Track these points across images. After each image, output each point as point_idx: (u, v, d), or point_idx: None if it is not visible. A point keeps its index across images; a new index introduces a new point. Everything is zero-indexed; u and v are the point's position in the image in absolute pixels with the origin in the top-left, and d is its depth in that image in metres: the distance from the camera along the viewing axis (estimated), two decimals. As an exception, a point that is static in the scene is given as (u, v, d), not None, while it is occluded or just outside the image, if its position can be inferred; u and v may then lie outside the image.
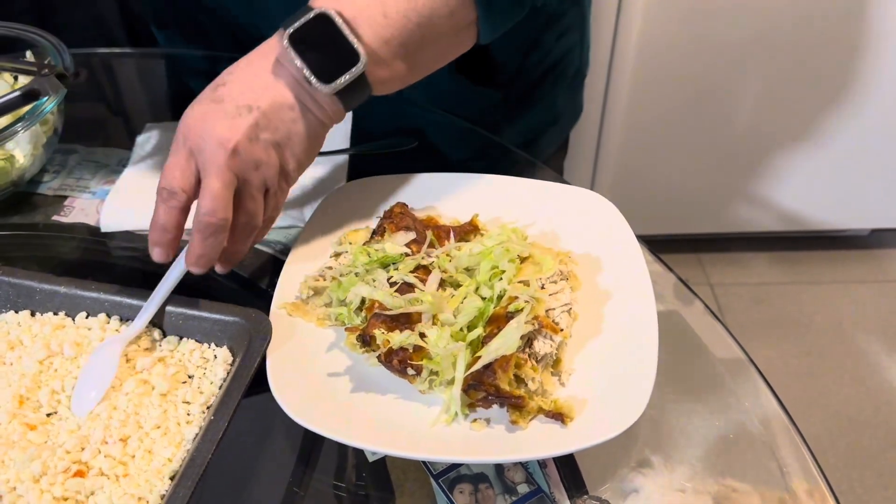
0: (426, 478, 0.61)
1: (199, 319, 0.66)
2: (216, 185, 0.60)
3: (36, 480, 0.56)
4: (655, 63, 1.69)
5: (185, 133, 0.62)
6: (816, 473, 0.64)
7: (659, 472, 0.63)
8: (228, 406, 0.58)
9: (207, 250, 0.63)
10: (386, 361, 0.62)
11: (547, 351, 0.62)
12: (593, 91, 1.73)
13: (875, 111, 1.79)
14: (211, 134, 0.60)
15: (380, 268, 0.67)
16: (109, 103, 1.09)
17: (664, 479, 0.63)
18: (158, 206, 0.63)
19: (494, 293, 0.64)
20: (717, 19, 1.61)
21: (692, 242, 2.10)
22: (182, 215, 0.64)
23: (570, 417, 0.60)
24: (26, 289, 0.68)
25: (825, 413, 1.74)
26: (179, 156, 0.62)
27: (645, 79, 1.71)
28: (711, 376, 0.72)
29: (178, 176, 0.62)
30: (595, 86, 1.72)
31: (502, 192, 0.78)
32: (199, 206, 0.62)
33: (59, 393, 0.63)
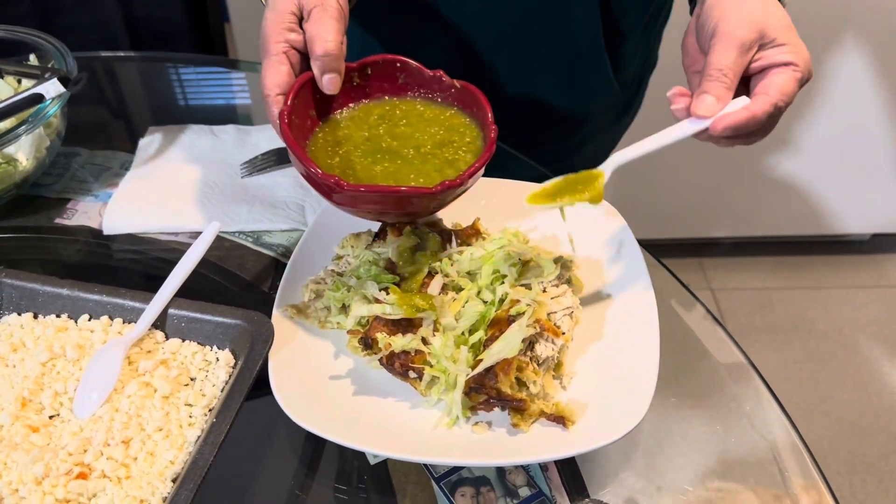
0: (428, 481, 0.61)
1: (202, 322, 0.66)
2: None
3: (38, 482, 0.56)
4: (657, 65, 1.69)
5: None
6: (817, 477, 0.64)
7: (660, 475, 0.63)
8: (230, 408, 0.58)
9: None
10: (388, 364, 0.62)
11: (548, 354, 0.62)
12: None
13: (877, 116, 1.79)
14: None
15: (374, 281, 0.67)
16: (112, 107, 1.09)
17: (666, 482, 0.63)
18: (767, 108, 0.63)
19: (496, 297, 0.64)
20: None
21: (694, 247, 2.10)
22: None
23: (571, 421, 0.60)
24: (29, 291, 0.68)
25: (826, 418, 1.74)
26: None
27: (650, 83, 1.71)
28: (713, 380, 0.72)
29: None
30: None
31: (504, 196, 0.79)
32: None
33: (62, 395, 0.63)
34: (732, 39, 0.61)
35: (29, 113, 0.79)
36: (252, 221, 0.83)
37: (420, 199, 0.62)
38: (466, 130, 0.69)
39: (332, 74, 0.65)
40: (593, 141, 1.09)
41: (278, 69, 0.64)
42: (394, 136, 0.69)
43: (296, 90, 0.64)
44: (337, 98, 0.69)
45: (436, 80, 0.70)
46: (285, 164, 0.90)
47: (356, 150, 0.67)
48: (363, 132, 0.69)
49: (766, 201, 1.96)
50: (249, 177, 0.89)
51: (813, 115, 1.78)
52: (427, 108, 0.70)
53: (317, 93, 0.67)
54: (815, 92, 1.74)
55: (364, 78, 0.70)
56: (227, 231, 0.82)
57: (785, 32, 0.63)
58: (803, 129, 1.80)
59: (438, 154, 0.67)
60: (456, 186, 0.62)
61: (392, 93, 0.71)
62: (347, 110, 0.70)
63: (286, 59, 0.64)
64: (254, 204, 0.85)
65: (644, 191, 1.92)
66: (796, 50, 0.62)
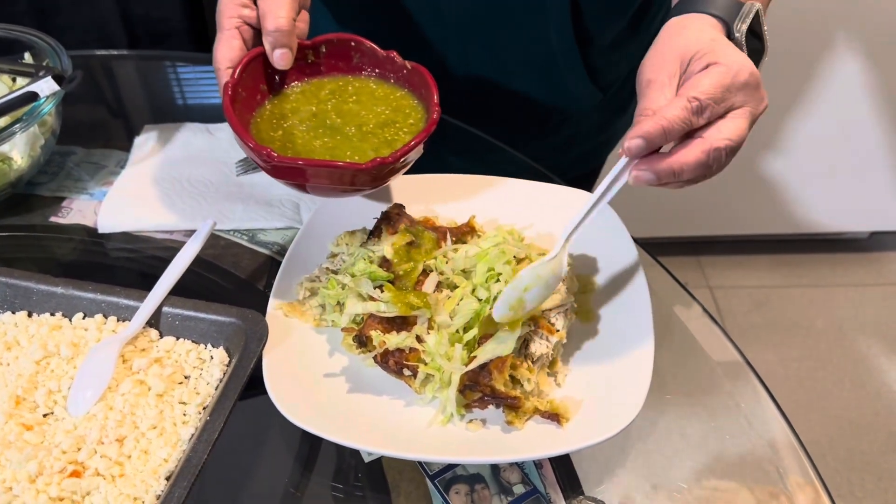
0: (422, 478, 0.61)
1: (196, 320, 0.66)
2: None
3: (32, 480, 0.56)
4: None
5: None
6: (813, 475, 0.64)
7: (656, 472, 0.63)
8: (224, 406, 0.58)
9: None
10: (382, 362, 0.62)
11: (543, 352, 0.62)
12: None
13: (875, 114, 1.79)
14: None
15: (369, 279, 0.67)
16: (108, 105, 1.09)
17: (661, 480, 0.63)
18: (680, 108, 0.57)
19: (491, 295, 0.64)
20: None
21: (692, 245, 2.10)
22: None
23: (566, 418, 0.60)
24: (23, 289, 0.68)
25: (825, 416, 1.74)
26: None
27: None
28: (709, 379, 0.72)
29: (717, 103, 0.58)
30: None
31: (499, 194, 0.79)
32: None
33: (56, 393, 0.63)
34: (658, 82, 0.59)
35: (23, 111, 0.79)
36: (247, 219, 0.83)
37: (350, 173, 0.62)
38: (412, 112, 0.69)
39: (283, 50, 0.65)
40: (581, 143, 1.09)
41: (230, 44, 0.65)
42: (340, 112, 0.69)
43: (244, 64, 0.65)
44: (290, 74, 0.70)
45: (389, 61, 0.70)
46: (281, 163, 0.90)
47: (301, 124, 0.68)
48: (311, 106, 0.69)
49: (764, 199, 1.96)
50: (244, 175, 0.88)
51: (811, 113, 1.78)
52: (380, 87, 0.71)
53: (269, 68, 0.68)
54: (814, 90, 1.74)
55: (318, 56, 0.71)
56: (222, 229, 0.82)
57: (706, 44, 0.59)
58: (802, 128, 1.80)
59: (379, 134, 0.68)
60: (387, 164, 0.62)
61: (347, 71, 0.72)
62: (300, 84, 0.71)
63: (238, 34, 0.65)
64: (249, 202, 0.85)
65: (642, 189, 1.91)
66: (723, 55, 0.58)
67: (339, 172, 0.62)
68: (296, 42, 0.67)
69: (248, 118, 0.67)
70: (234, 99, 0.64)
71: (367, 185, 0.65)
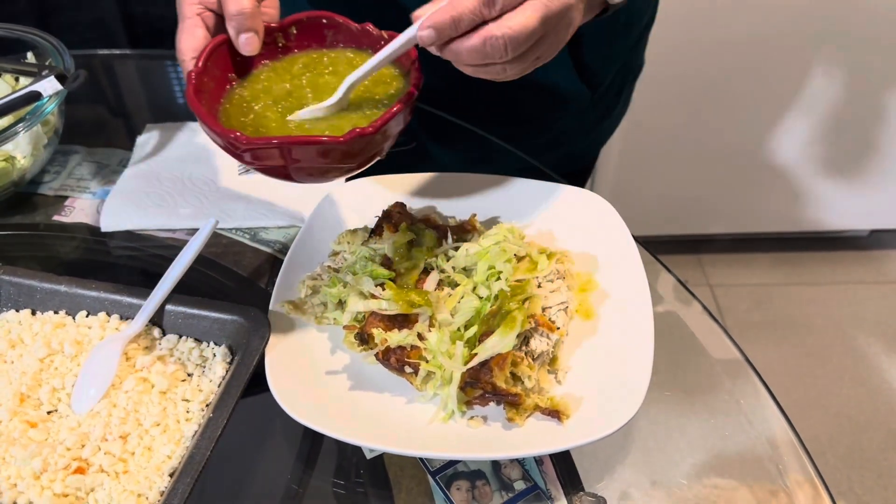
0: (423, 475, 0.62)
1: (199, 318, 0.66)
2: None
3: (37, 477, 0.57)
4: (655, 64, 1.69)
5: None
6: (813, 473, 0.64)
7: (656, 469, 0.64)
8: (227, 404, 0.58)
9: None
10: (383, 360, 0.63)
11: (543, 349, 0.62)
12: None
13: (874, 112, 1.79)
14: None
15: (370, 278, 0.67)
16: (110, 104, 1.09)
17: (661, 477, 0.63)
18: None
19: (492, 293, 0.64)
20: (718, 20, 1.62)
21: (692, 243, 2.11)
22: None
23: (566, 415, 0.60)
24: (27, 288, 0.69)
25: (825, 414, 1.74)
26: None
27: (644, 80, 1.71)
28: (709, 376, 0.72)
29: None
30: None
31: (500, 192, 0.79)
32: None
33: (60, 391, 0.63)
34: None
35: (26, 111, 0.79)
36: (249, 218, 0.83)
37: (326, 149, 0.57)
38: (393, 81, 0.64)
39: (249, 34, 0.62)
40: (567, 143, 1.09)
41: (193, 33, 0.62)
42: (315, 86, 0.64)
43: (208, 51, 0.62)
44: (259, 60, 0.66)
45: (364, 34, 0.66)
46: (282, 161, 0.90)
47: (275, 105, 0.63)
48: (285, 83, 0.65)
49: (764, 197, 1.96)
50: (246, 174, 0.89)
51: (811, 110, 1.78)
52: (357, 56, 0.66)
53: (237, 55, 0.64)
54: (814, 88, 1.74)
55: (289, 38, 0.67)
56: (224, 228, 0.82)
57: None
58: (801, 125, 1.81)
59: (358, 106, 0.63)
60: (367, 135, 0.56)
61: (322, 47, 0.67)
62: (271, 63, 0.66)
63: (201, 21, 0.62)
64: (250, 201, 0.85)
65: (643, 187, 1.92)
66: None
67: (315, 149, 0.57)
68: (262, 25, 0.63)
69: (217, 107, 0.63)
70: (198, 89, 0.60)
71: (350, 161, 0.59)
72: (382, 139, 0.60)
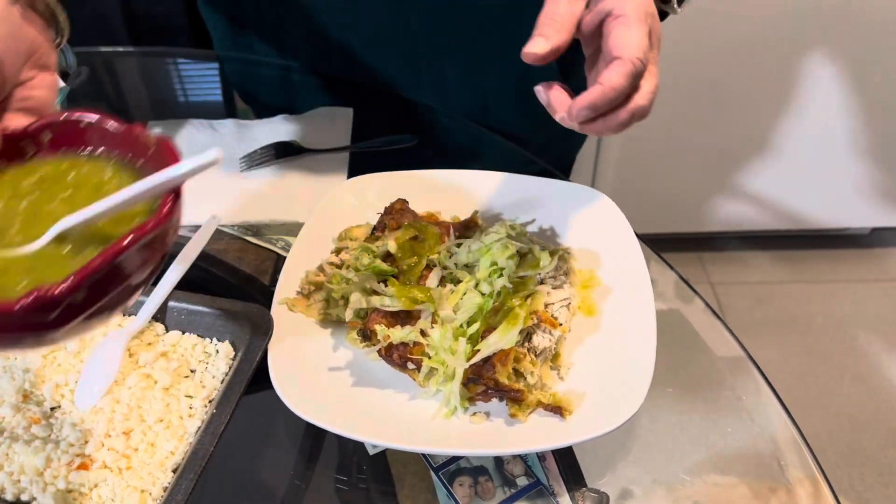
0: (426, 471, 0.62)
1: (202, 314, 0.66)
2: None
3: (40, 473, 0.57)
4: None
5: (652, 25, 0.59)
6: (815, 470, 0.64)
7: (657, 466, 0.64)
8: (230, 400, 0.58)
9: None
10: (386, 356, 0.63)
11: (546, 345, 0.63)
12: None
13: (876, 110, 1.79)
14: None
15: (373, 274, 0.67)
16: (111, 102, 1.09)
17: (662, 473, 0.63)
18: (624, 76, 0.56)
19: (494, 289, 0.64)
20: (719, 18, 1.62)
21: (693, 241, 2.11)
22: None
23: (568, 411, 0.60)
24: (30, 284, 0.69)
25: (826, 412, 1.74)
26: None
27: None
28: (711, 374, 0.72)
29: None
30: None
31: (502, 189, 0.79)
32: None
33: (63, 387, 0.63)
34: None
35: (29, 107, 0.79)
36: (251, 215, 0.83)
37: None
38: (142, 211, 0.46)
39: None
40: (549, 150, 1.09)
41: None
42: (33, 216, 0.45)
43: None
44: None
45: (131, 141, 0.47)
46: (284, 158, 0.90)
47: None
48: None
49: (765, 195, 1.96)
50: (249, 171, 0.89)
51: (812, 108, 1.78)
52: (117, 176, 0.47)
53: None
54: (816, 84, 1.74)
55: (40, 145, 0.48)
56: (227, 225, 0.83)
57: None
58: (802, 123, 1.80)
59: (86, 242, 0.43)
60: (50, 300, 0.37)
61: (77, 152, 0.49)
62: (5, 169, 0.48)
63: None
64: (253, 198, 0.85)
65: (644, 185, 1.92)
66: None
67: None
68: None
69: None
70: None
71: (26, 336, 0.39)
72: (65, 316, 0.39)
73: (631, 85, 0.57)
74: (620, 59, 0.56)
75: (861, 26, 1.65)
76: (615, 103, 0.57)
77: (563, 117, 0.58)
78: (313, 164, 0.90)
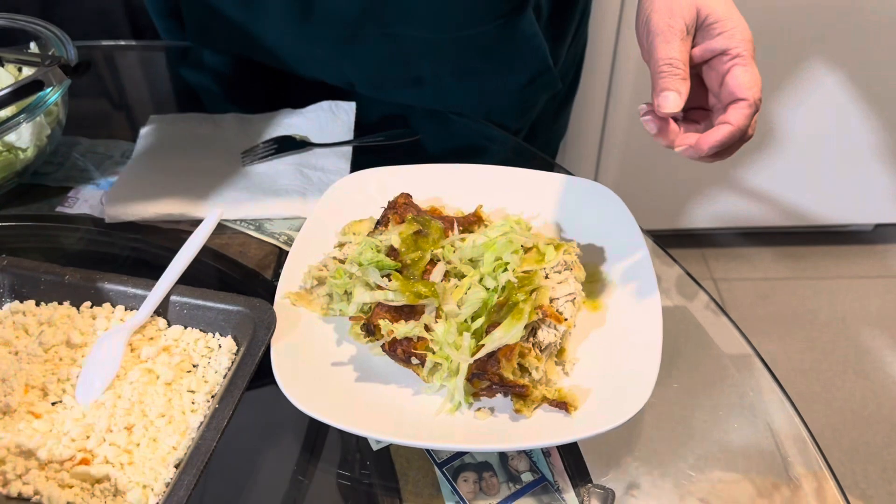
0: (430, 466, 0.61)
1: (204, 309, 0.66)
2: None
3: (42, 468, 0.56)
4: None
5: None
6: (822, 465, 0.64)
7: (663, 461, 0.63)
8: (233, 395, 0.58)
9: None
10: (390, 351, 0.62)
11: (551, 340, 0.62)
12: (597, 84, 1.73)
13: (879, 106, 1.78)
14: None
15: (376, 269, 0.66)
16: (113, 96, 1.09)
17: (668, 468, 0.63)
18: (747, 117, 0.61)
19: (499, 284, 0.64)
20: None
21: (696, 237, 2.10)
22: None
23: (574, 407, 0.60)
24: (31, 279, 0.68)
25: (829, 408, 1.74)
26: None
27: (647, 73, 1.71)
28: (716, 369, 0.72)
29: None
30: (599, 79, 1.72)
31: (506, 183, 0.78)
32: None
33: (65, 382, 0.63)
34: (670, 32, 0.61)
35: (29, 101, 0.78)
36: (254, 209, 0.83)
37: None
38: None
39: None
40: (538, 135, 1.10)
41: None
42: None
43: None
44: None
45: None
46: (286, 153, 0.89)
47: None
48: None
49: (768, 192, 1.95)
50: (251, 165, 0.88)
51: (816, 104, 1.77)
52: None
53: None
54: (820, 80, 1.73)
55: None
56: (229, 219, 0.82)
57: (719, 8, 0.62)
58: (806, 119, 1.80)
59: None
60: None
61: None
62: None
63: None
64: (255, 192, 0.84)
65: (646, 182, 1.92)
66: (731, 30, 0.62)
67: None
68: None
69: None
70: None
71: None
72: None
73: (748, 124, 0.61)
74: (746, 100, 0.60)
75: (866, 22, 1.64)
76: (738, 139, 0.61)
77: (679, 147, 0.62)
78: (316, 158, 0.89)
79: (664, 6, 0.61)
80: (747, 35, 0.62)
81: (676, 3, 0.61)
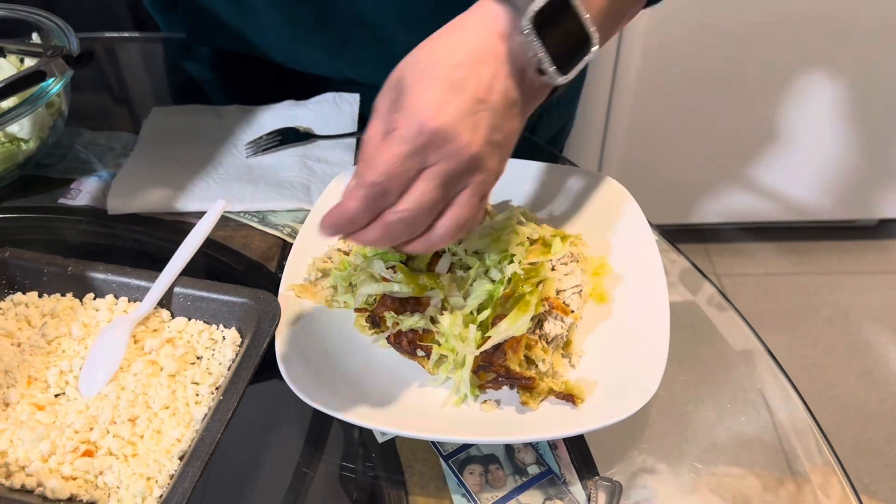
0: (436, 459, 0.61)
1: (208, 301, 0.65)
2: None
3: (45, 460, 0.56)
4: (663, 52, 1.68)
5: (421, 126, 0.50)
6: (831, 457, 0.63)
7: (670, 454, 0.63)
8: (237, 387, 0.57)
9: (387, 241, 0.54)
10: (395, 343, 0.62)
11: (557, 332, 0.62)
12: (600, 80, 1.72)
13: (883, 102, 1.77)
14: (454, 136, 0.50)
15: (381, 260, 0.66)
16: (115, 88, 1.08)
17: (675, 461, 0.63)
18: (358, 199, 0.51)
19: (505, 276, 0.63)
20: (726, 7, 1.60)
21: (699, 232, 2.10)
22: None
23: (580, 399, 0.59)
24: (34, 270, 0.68)
25: (832, 404, 1.74)
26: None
27: (652, 68, 1.70)
28: (723, 362, 0.71)
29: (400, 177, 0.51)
30: (602, 74, 1.71)
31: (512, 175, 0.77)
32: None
33: (68, 373, 0.62)
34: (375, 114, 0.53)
35: (32, 91, 0.78)
36: (257, 201, 0.82)
37: None
38: None
39: None
40: (545, 128, 1.09)
41: None
42: None
43: None
44: None
45: None
46: (290, 144, 0.89)
47: None
48: None
49: (772, 187, 1.95)
50: (254, 156, 0.88)
51: (820, 99, 1.77)
52: None
53: None
54: (823, 76, 1.72)
55: None
56: (233, 211, 0.82)
57: (413, 76, 0.51)
58: (808, 115, 1.79)
59: None
60: None
61: None
62: None
63: None
64: (259, 184, 0.84)
65: (649, 176, 1.91)
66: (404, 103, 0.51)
67: None
68: None
69: None
70: None
71: None
72: None
73: (368, 208, 0.52)
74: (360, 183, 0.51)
75: (871, 17, 1.63)
76: (357, 224, 0.52)
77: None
78: (319, 150, 0.89)
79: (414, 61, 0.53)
80: (419, 118, 0.50)
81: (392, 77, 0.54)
